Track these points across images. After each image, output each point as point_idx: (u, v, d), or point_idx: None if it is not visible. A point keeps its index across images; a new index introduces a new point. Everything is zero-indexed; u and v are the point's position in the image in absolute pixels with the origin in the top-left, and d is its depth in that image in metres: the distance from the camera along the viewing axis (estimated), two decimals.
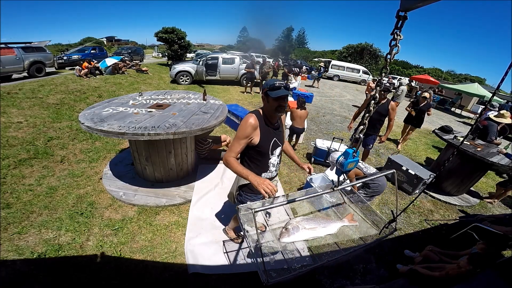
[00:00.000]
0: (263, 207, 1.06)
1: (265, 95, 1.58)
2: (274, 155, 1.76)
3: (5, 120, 4.64)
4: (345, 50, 35.96)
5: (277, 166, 1.85)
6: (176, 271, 2.13)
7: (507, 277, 1.31)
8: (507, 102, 14.20)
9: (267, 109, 1.63)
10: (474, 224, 2.67)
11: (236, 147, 1.60)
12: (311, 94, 9.72)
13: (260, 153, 1.69)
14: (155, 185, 3.16)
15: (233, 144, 1.61)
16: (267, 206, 1.07)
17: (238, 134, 1.60)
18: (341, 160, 1.13)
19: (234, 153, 1.61)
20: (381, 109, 3.69)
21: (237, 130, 1.61)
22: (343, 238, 1.51)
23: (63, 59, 12.45)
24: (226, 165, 1.61)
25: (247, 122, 1.57)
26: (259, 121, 1.60)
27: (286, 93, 1.53)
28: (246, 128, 1.56)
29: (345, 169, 1.13)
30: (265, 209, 1.08)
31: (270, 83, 1.55)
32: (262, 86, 1.66)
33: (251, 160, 1.74)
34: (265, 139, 1.65)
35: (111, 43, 37.85)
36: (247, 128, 1.56)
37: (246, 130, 1.57)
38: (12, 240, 2.25)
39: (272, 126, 1.69)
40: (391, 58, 0.90)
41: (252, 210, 1.01)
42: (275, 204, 1.12)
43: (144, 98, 3.62)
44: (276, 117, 1.68)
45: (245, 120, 1.58)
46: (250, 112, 1.65)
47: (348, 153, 1.11)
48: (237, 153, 1.62)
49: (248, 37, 59.25)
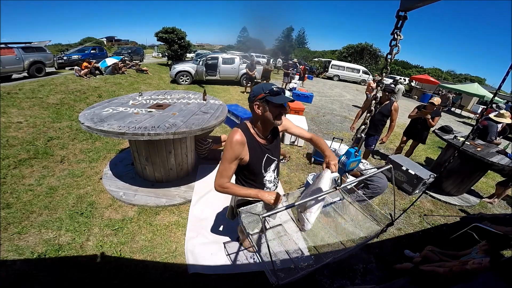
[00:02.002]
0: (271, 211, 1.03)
1: (263, 102, 1.33)
2: (268, 171, 1.58)
3: (5, 120, 4.63)
4: (345, 50, 35.97)
5: (275, 181, 1.69)
6: (176, 271, 2.13)
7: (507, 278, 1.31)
8: (507, 102, 14.20)
9: (262, 119, 1.39)
10: (474, 224, 2.67)
11: (227, 171, 1.38)
12: (311, 94, 9.72)
13: (252, 172, 1.52)
14: (155, 185, 3.16)
15: (222, 169, 1.38)
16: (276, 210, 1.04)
17: (225, 156, 1.37)
18: (344, 160, 1.14)
19: (227, 178, 1.40)
20: (384, 110, 3.69)
21: (225, 151, 1.38)
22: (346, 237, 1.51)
23: (63, 59, 12.46)
24: (221, 192, 1.40)
25: (232, 140, 1.35)
26: (246, 137, 1.39)
27: (290, 100, 1.39)
28: (233, 148, 1.35)
29: (347, 168, 1.13)
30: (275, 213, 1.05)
31: (267, 87, 1.33)
32: (252, 92, 1.37)
33: (245, 180, 1.57)
34: (255, 157, 1.46)
35: (111, 43, 37.86)
36: (234, 147, 1.35)
37: (235, 150, 1.36)
38: (12, 240, 2.25)
39: (263, 139, 1.48)
40: (391, 58, 0.90)
41: (260, 216, 0.97)
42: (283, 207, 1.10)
43: (144, 98, 3.62)
44: (270, 127, 1.47)
45: (230, 138, 1.36)
46: (235, 128, 1.43)
47: (350, 152, 1.11)
48: (230, 177, 1.41)
49: (248, 37, 59.34)
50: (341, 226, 1.55)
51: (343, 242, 1.49)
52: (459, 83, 20.40)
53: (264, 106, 1.34)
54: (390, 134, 3.83)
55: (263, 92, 1.32)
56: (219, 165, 1.41)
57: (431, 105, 4.22)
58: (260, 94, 1.33)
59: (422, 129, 4.39)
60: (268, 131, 1.49)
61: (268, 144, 1.52)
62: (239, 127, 1.42)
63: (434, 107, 4.22)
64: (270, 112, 1.34)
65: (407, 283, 1.91)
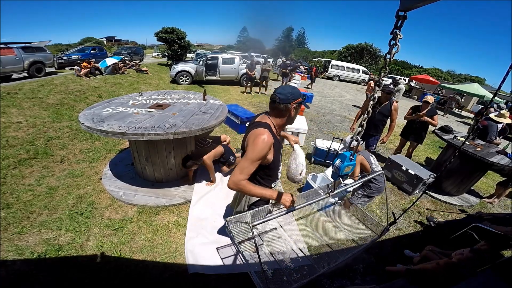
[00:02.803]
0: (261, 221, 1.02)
1: (297, 106, 1.47)
2: (280, 163, 1.75)
3: (5, 120, 4.63)
4: (345, 50, 35.97)
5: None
6: (176, 271, 2.13)
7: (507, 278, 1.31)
8: (507, 102, 14.20)
9: (290, 119, 1.53)
10: (474, 224, 2.67)
11: (248, 169, 1.38)
12: (311, 94, 9.72)
13: (273, 169, 1.61)
14: (155, 185, 3.16)
15: (245, 166, 1.38)
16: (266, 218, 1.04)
17: (253, 155, 1.37)
18: (338, 164, 1.09)
19: (246, 176, 1.39)
20: (384, 110, 3.69)
21: (252, 151, 1.38)
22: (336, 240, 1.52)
23: (63, 59, 12.44)
24: (237, 189, 1.40)
25: (265, 141, 1.37)
26: (273, 137, 1.43)
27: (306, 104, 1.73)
28: (264, 149, 1.38)
29: (342, 173, 1.09)
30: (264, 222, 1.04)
31: (298, 93, 1.45)
32: (286, 97, 1.43)
33: (263, 177, 1.62)
34: (277, 154, 1.55)
35: (111, 43, 37.83)
36: (264, 148, 1.38)
37: (263, 151, 1.38)
38: (12, 240, 2.25)
39: (277, 136, 1.56)
40: (390, 57, 0.90)
41: (250, 224, 0.95)
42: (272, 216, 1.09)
43: (144, 98, 3.62)
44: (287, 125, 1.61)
45: (262, 139, 1.37)
46: (260, 128, 1.43)
47: (345, 156, 1.07)
48: (248, 176, 1.41)
49: (248, 37, 59.35)
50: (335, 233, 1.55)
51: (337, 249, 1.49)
52: (459, 83, 20.39)
53: (298, 108, 1.51)
54: (391, 134, 3.83)
55: (300, 97, 1.47)
56: (240, 162, 1.40)
57: (426, 104, 4.14)
58: (299, 98, 1.47)
59: (420, 129, 4.33)
60: (284, 128, 1.64)
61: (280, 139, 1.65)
62: (265, 127, 1.43)
63: (429, 105, 4.14)
64: (295, 115, 1.53)
65: (407, 283, 1.91)
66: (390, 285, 1.97)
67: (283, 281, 1.21)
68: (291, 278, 1.23)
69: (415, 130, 4.38)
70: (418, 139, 4.46)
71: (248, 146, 1.41)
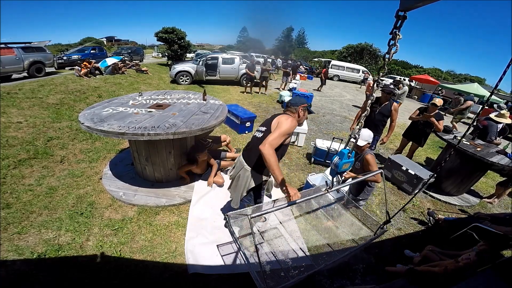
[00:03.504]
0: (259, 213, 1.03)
1: (304, 110, 1.94)
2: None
3: (5, 120, 4.63)
4: (345, 50, 35.97)
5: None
6: (176, 271, 2.13)
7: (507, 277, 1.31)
8: (507, 102, 14.20)
9: (300, 119, 1.95)
10: (474, 224, 2.67)
11: (279, 141, 1.71)
12: (310, 94, 9.71)
13: (281, 153, 1.96)
14: (155, 185, 3.16)
15: (278, 137, 1.70)
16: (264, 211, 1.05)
17: (285, 130, 1.74)
18: (336, 161, 1.10)
19: (276, 146, 1.69)
20: (384, 110, 3.69)
21: (285, 127, 1.76)
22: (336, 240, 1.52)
23: (63, 59, 12.44)
24: (267, 154, 1.60)
25: (294, 121, 1.84)
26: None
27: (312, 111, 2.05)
28: (293, 126, 1.81)
29: (340, 170, 1.10)
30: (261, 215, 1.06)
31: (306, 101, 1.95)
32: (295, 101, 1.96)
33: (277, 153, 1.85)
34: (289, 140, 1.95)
35: (111, 43, 37.80)
36: (294, 126, 1.82)
37: (293, 128, 1.81)
38: (12, 240, 2.24)
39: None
40: (389, 57, 0.90)
41: (249, 216, 0.98)
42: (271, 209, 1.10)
43: (144, 98, 3.62)
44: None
45: (292, 121, 1.83)
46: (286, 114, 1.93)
47: (343, 153, 1.07)
48: (277, 147, 1.71)
49: (248, 37, 59.35)
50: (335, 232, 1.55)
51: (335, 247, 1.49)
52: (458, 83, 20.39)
53: (305, 112, 1.96)
54: (391, 134, 3.83)
55: (306, 103, 1.95)
56: (274, 135, 1.70)
57: (433, 107, 4.00)
58: (304, 104, 1.94)
59: (424, 130, 4.27)
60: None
61: None
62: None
63: (436, 108, 4.01)
64: (303, 117, 1.96)
65: (407, 283, 1.91)
66: (390, 285, 1.97)
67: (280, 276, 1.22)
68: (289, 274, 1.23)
69: (418, 132, 4.33)
70: (420, 141, 4.42)
71: (281, 123, 1.79)
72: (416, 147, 4.60)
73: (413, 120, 4.39)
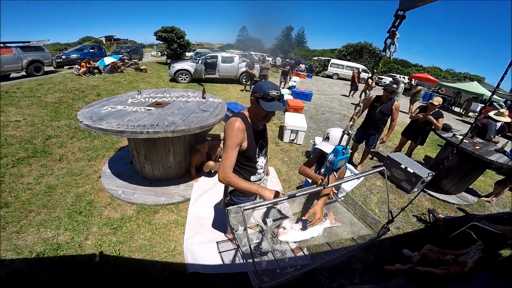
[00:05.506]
0: (253, 205, 1.04)
1: (256, 101, 1.45)
2: (261, 156, 1.69)
3: (3, 119, 4.62)
4: (344, 49, 36.00)
5: (264, 167, 1.79)
6: (175, 270, 2.13)
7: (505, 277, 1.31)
8: (506, 101, 14.22)
9: (254, 112, 1.52)
10: (472, 223, 2.68)
11: (230, 159, 1.43)
12: (310, 92, 9.71)
13: (248, 157, 1.59)
14: (154, 183, 3.16)
15: (226, 157, 1.43)
16: (257, 205, 1.06)
17: (228, 144, 1.42)
18: (331, 158, 1.07)
19: (231, 168, 1.43)
20: (385, 109, 3.69)
21: (226, 139, 1.43)
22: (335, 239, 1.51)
23: (61, 58, 12.41)
24: (226, 183, 1.45)
25: (234, 127, 1.41)
26: (245, 124, 1.47)
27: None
28: (236, 135, 1.42)
29: (335, 167, 1.07)
30: (255, 208, 1.07)
31: (264, 90, 1.40)
32: (253, 88, 1.49)
33: (240, 167, 1.63)
34: (252, 143, 1.56)
35: (110, 42, 37.63)
36: (237, 134, 1.42)
37: (237, 136, 1.42)
38: (10, 239, 2.24)
39: (257, 127, 1.60)
40: (390, 55, 0.90)
41: (242, 209, 1.00)
42: (264, 203, 1.10)
43: (143, 97, 3.61)
44: (261, 120, 1.57)
45: (232, 126, 1.42)
46: (232, 116, 1.50)
47: (338, 150, 1.05)
48: (232, 166, 1.45)
49: (247, 36, 59.26)
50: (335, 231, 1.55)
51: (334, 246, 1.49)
52: (458, 82, 20.39)
53: (257, 104, 1.46)
54: (391, 133, 3.83)
55: (259, 92, 1.42)
56: (222, 155, 1.46)
57: (432, 106, 4.07)
58: (256, 92, 1.44)
59: (424, 128, 4.27)
60: (261, 122, 1.60)
61: (261, 131, 1.65)
62: (238, 116, 1.50)
63: (435, 107, 4.07)
64: (259, 111, 1.48)
65: (406, 282, 1.92)
66: (389, 284, 1.98)
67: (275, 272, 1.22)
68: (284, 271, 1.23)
69: (418, 130, 4.33)
70: (419, 140, 4.42)
71: (224, 134, 1.48)
72: (415, 146, 4.60)
73: (412, 119, 4.41)
